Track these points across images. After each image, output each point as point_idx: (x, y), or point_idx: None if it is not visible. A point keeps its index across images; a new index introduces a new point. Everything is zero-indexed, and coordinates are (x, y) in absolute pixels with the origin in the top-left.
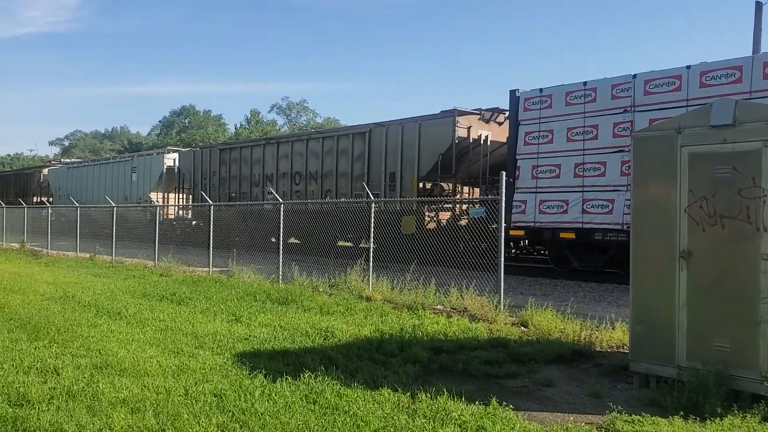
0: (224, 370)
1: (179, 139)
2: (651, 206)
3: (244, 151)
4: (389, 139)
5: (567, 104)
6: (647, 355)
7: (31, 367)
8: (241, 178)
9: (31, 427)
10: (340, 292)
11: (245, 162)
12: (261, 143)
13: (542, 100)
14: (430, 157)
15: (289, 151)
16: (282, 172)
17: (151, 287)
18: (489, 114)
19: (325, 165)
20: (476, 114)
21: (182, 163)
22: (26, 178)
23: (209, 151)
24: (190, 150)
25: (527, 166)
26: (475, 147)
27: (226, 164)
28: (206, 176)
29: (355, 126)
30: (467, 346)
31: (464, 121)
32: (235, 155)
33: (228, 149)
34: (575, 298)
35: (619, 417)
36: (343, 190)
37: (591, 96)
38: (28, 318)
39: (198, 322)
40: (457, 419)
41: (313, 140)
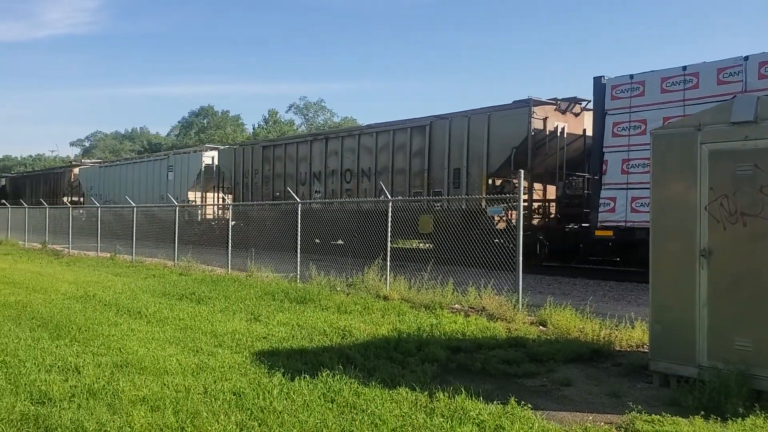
0: (243, 368)
1: (198, 139)
2: (671, 204)
3: (290, 147)
4: (453, 132)
5: (663, 91)
6: (667, 354)
7: (53, 366)
8: (285, 176)
9: (53, 425)
10: (358, 292)
11: (290, 159)
12: (308, 139)
13: (633, 88)
14: (501, 151)
15: (338, 147)
16: (331, 169)
17: (170, 286)
18: (566, 104)
19: (380, 161)
20: (552, 104)
21: (222, 160)
22: (56, 178)
23: (251, 149)
24: (229, 147)
25: (616, 159)
26: (551, 139)
27: (269, 162)
28: (248, 174)
29: (413, 119)
30: (485, 346)
31: (540, 112)
32: (279, 152)
33: (271, 146)
34: (594, 297)
35: (639, 417)
36: (399, 187)
37: (692, 82)
38: (50, 317)
39: (217, 321)
40: (475, 418)
41: (365, 135)
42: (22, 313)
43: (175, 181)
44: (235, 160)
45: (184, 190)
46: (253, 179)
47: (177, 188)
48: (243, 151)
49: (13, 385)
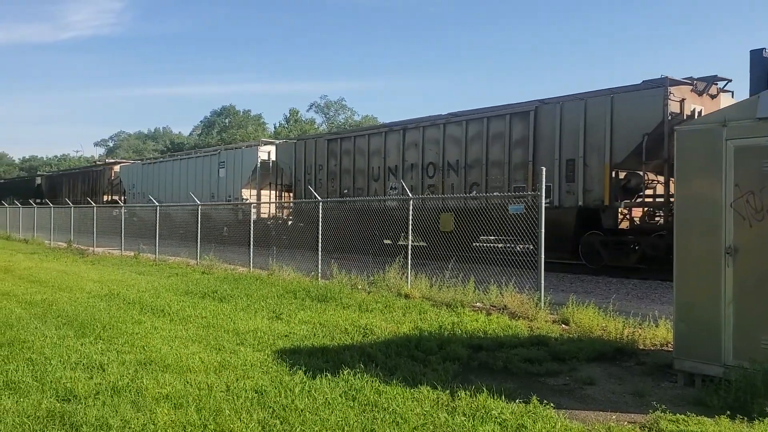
0: (265, 366)
1: (220, 138)
2: (695, 201)
3: (360, 140)
4: (565, 118)
5: None
6: (692, 353)
7: (78, 363)
8: (355, 172)
9: (78, 421)
10: (379, 290)
11: (360, 153)
12: (382, 131)
13: None
14: (628, 139)
15: (419, 139)
16: (410, 163)
17: (193, 285)
18: (703, 84)
19: (470, 153)
20: (689, 84)
21: (280, 156)
22: (95, 176)
23: (314, 143)
24: (289, 141)
25: None
26: None
27: (335, 156)
28: (310, 170)
29: (512, 105)
30: (507, 344)
31: (677, 93)
32: (348, 146)
33: (338, 139)
34: (617, 296)
35: (663, 416)
36: (496, 182)
37: None
38: (75, 315)
39: (239, 319)
40: (497, 417)
41: (453, 125)
42: (47, 311)
43: (227, 178)
44: (295, 155)
45: (238, 187)
46: (317, 175)
47: (229, 185)
48: (305, 145)
49: (39, 382)
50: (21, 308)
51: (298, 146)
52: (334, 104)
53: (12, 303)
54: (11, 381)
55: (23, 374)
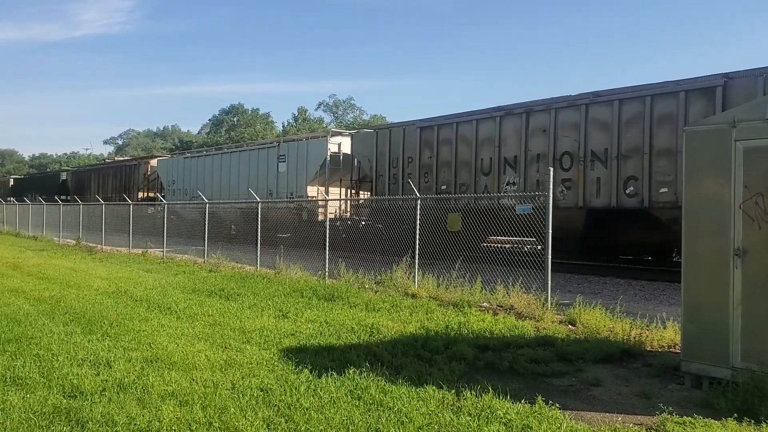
0: (271, 365)
1: (228, 137)
2: (704, 203)
3: (464, 127)
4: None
5: None
6: (700, 355)
7: (85, 360)
8: (458, 165)
9: (84, 417)
10: (386, 289)
11: (465, 142)
12: (495, 115)
13: None
14: None
15: (548, 123)
16: (535, 153)
17: (200, 283)
18: None
19: (625, 140)
20: None
21: (357, 147)
22: (129, 171)
23: (402, 131)
24: (370, 130)
25: None
26: None
27: (430, 146)
28: (396, 163)
29: (686, 80)
30: (513, 344)
31: None
32: (447, 133)
33: (434, 126)
34: (625, 297)
35: (670, 418)
36: (663, 176)
37: None
38: (83, 312)
39: (246, 318)
40: (503, 417)
41: (598, 105)
42: (55, 307)
43: (288, 173)
44: (377, 146)
45: (302, 183)
46: (405, 169)
47: (291, 181)
48: (390, 134)
49: (46, 379)
50: (29, 305)
51: (381, 136)
52: (342, 103)
53: (20, 299)
54: (18, 377)
55: (30, 370)
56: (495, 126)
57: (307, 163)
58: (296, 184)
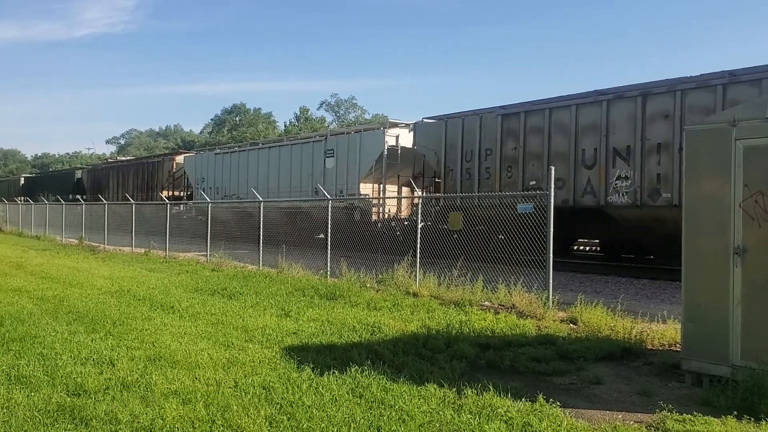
0: (273, 363)
1: (230, 136)
2: (704, 201)
3: (560, 114)
4: None
5: None
6: (700, 353)
7: (88, 359)
8: (550, 156)
9: (88, 415)
10: (387, 288)
11: (560, 130)
12: (601, 99)
13: None
14: None
15: (672, 107)
16: (654, 142)
17: (203, 282)
18: None
19: None
20: None
21: (422, 139)
22: (152, 169)
23: (478, 119)
24: (437, 120)
25: None
26: None
27: (514, 136)
28: (471, 156)
29: None
30: (515, 343)
31: None
32: (537, 121)
33: (520, 113)
34: (626, 295)
35: (670, 416)
36: None
37: None
38: (86, 311)
39: (248, 317)
40: (503, 415)
41: (741, 85)
42: (59, 307)
43: (337, 169)
44: (446, 137)
45: (354, 180)
46: (482, 163)
47: (341, 178)
48: (462, 124)
49: (50, 377)
50: (32, 304)
51: (451, 126)
52: (344, 102)
53: (24, 299)
54: (22, 375)
55: (34, 369)
56: (600, 111)
57: (360, 158)
58: (347, 180)
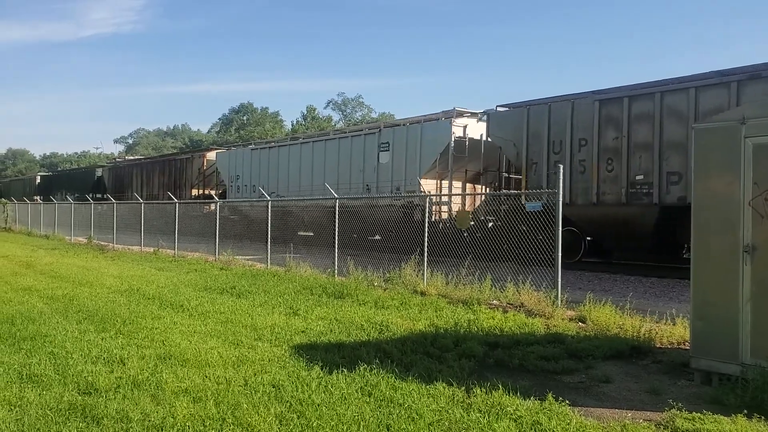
0: (282, 361)
1: (238, 135)
2: (713, 199)
3: (674, 98)
4: None
5: None
6: (709, 351)
7: (99, 357)
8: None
9: (99, 414)
10: (395, 287)
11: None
12: (729, 80)
13: None
14: None
15: None
16: None
17: (211, 281)
18: None
19: None
20: None
21: (496, 129)
22: (180, 166)
23: (569, 106)
24: (515, 108)
25: None
26: None
27: (615, 124)
28: (559, 147)
29: None
30: (523, 342)
31: None
32: (645, 107)
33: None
34: (635, 294)
35: (679, 414)
36: None
37: None
38: (96, 310)
39: (257, 315)
40: (512, 414)
41: None
42: (69, 306)
43: (394, 163)
44: (527, 126)
45: (414, 176)
46: (574, 155)
47: (398, 174)
48: (549, 111)
49: (61, 376)
50: (43, 303)
51: (535, 114)
52: (351, 101)
53: (34, 298)
54: (34, 374)
55: (45, 367)
56: (728, 95)
57: (422, 152)
58: (405, 176)
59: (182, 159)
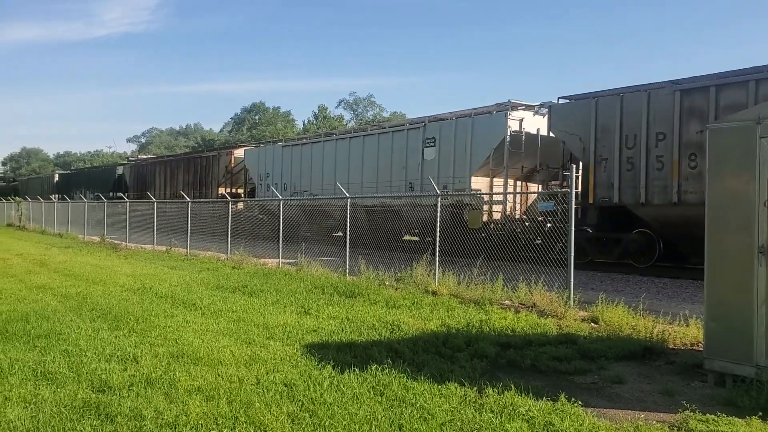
0: (294, 360)
1: (250, 135)
2: (728, 200)
3: None
4: None
5: None
6: (723, 353)
7: (112, 355)
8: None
9: (113, 412)
10: (406, 286)
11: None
12: None
13: None
14: None
15: None
16: None
17: (224, 279)
18: None
19: None
20: None
21: (559, 122)
22: (206, 164)
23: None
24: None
25: None
26: None
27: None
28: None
29: None
30: (536, 342)
31: None
32: (736, 96)
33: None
34: (648, 294)
35: (693, 416)
36: None
37: None
38: (109, 308)
39: (269, 314)
40: (525, 414)
41: None
42: (82, 304)
43: (440, 160)
44: (596, 119)
45: (464, 173)
46: (651, 150)
47: (445, 171)
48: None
49: (75, 373)
50: (56, 301)
51: (604, 106)
52: (362, 101)
53: (48, 296)
54: (48, 371)
55: (60, 365)
56: None
57: (472, 147)
58: (453, 174)
59: (208, 156)
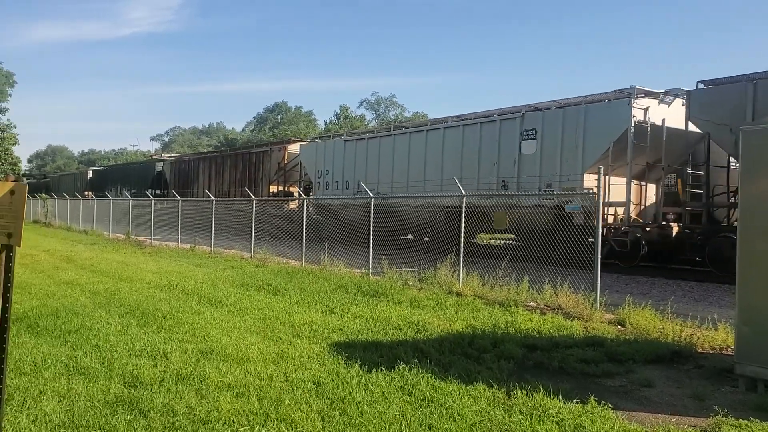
0: (321, 358)
1: (272, 134)
2: (760, 202)
3: None
4: None
5: None
6: (755, 358)
7: (142, 351)
8: None
9: (146, 407)
10: (430, 287)
11: None
12: None
13: None
14: None
15: None
16: None
17: (248, 277)
18: None
19: None
20: None
21: (700, 110)
22: (256, 160)
23: None
24: (728, 83)
25: None
26: None
27: None
28: None
29: None
30: (562, 344)
31: None
32: None
33: None
34: (675, 298)
35: (725, 421)
36: None
37: None
38: (137, 305)
39: (294, 312)
40: (555, 416)
41: None
42: (110, 300)
43: (542, 155)
44: (754, 105)
45: (575, 169)
46: None
47: (549, 167)
48: None
49: (107, 368)
50: (85, 297)
51: (764, 89)
52: (384, 101)
53: (76, 292)
54: (81, 366)
55: (91, 360)
56: None
57: (585, 140)
58: (560, 170)
59: (258, 152)
